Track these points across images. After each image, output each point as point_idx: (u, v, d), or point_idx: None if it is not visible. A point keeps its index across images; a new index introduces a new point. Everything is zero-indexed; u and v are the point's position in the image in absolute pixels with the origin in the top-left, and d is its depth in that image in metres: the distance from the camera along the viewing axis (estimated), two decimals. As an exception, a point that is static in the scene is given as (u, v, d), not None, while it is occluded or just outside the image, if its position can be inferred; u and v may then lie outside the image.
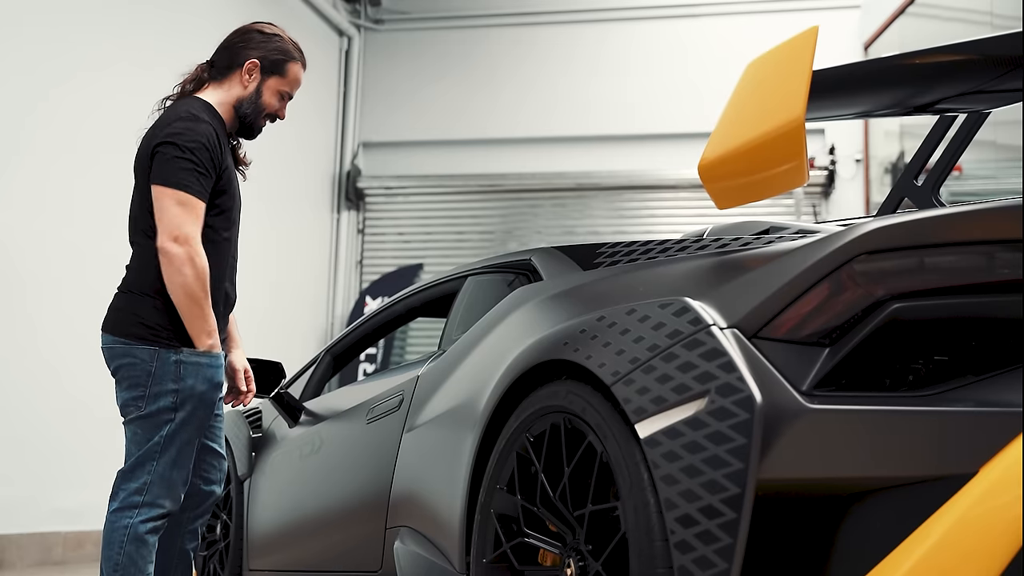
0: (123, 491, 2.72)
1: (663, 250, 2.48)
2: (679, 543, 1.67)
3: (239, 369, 3.14)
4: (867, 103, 2.61)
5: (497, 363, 2.45)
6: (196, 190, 2.72)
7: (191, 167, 2.72)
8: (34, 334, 6.42)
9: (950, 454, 1.55)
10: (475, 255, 9.60)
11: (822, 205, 9.58)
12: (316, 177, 10.10)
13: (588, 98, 10.04)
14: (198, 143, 2.73)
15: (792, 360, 1.72)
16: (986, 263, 1.69)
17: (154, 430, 2.72)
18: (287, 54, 2.97)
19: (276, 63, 2.95)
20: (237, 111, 2.94)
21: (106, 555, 2.70)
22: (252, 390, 3.18)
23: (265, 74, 2.94)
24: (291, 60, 2.98)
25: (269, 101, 2.96)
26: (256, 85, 2.94)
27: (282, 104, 3.00)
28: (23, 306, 6.39)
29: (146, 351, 2.72)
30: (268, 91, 2.95)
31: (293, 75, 2.98)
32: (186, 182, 2.71)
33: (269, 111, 2.97)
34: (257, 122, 2.97)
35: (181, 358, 2.73)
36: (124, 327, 2.76)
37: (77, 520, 6.57)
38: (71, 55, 6.81)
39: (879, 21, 9.03)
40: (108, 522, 2.72)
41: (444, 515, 2.54)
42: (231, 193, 2.88)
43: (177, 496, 2.76)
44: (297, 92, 3.05)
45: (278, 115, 3.00)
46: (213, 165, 2.77)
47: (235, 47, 2.95)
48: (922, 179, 2.58)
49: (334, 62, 10.44)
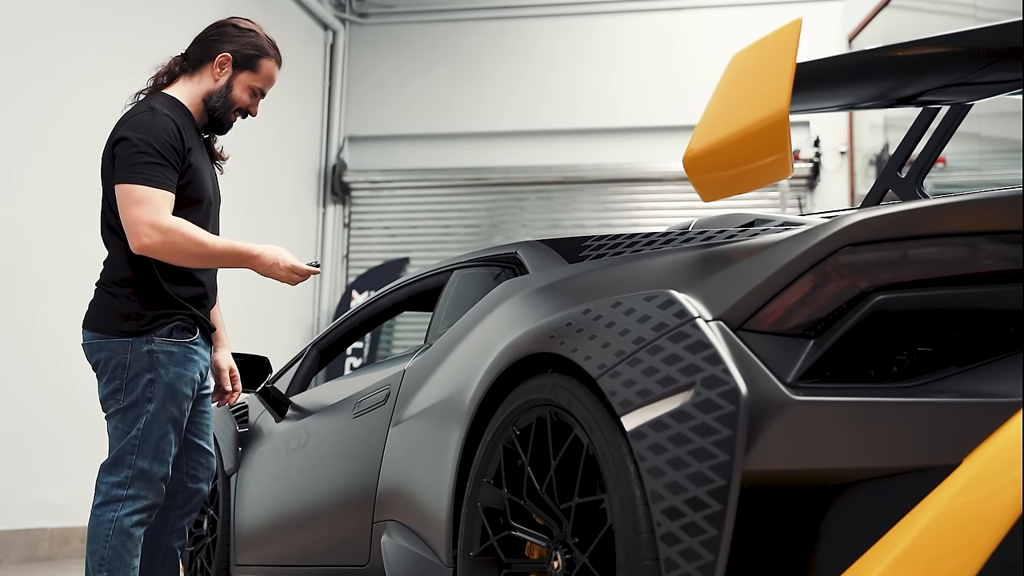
0: (105, 485, 2.72)
1: (648, 243, 2.48)
2: (665, 535, 1.67)
3: (224, 369, 3.12)
4: (851, 95, 2.61)
5: (483, 357, 2.45)
6: (157, 181, 2.68)
7: (148, 160, 2.69)
8: (20, 331, 6.39)
9: (934, 445, 1.56)
10: (461, 249, 9.59)
11: (807, 197, 9.60)
12: (301, 171, 10.07)
13: (574, 91, 10.04)
14: (154, 135, 2.70)
15: (777, 352, 1.72)
16: (970, 254, 1.70)
17: (132, 423, 2.71)
18: (261, 50, 2.93)
19: (249, 58, 2.91)
20: (206, 104, 2.91)
21: (91, 549, 2.69)
22: (238, 390, 3.16)
23: (237, 68, 2.90)
24: (264, 56, 2.93)
25: (239, 96, 2.92)
26: (227, 79, 2.90)
27: (254, 100, 2.95)
28: (16, 304, 6.37)
29: (120, 343, 2.73)
30: (239, 86, 2.91)
31: (266, 72, 2.94)
32: (145, 174, 2.68)
33: (239, 106, 2.93)
34: (226, 116, 2.93)
35: (153, 347, 2.72)
36: (99, 322, 2.77)
37: (63, 516, 6.55)
38: (78, 54, 6.82)
39: (863, 14, 9.05)
40: (93, 516, 2.71)
41: (431, 509, 2.54)
42: (198, 185, 2.83)
43: (159, 488, 2.75)
44: (274, 89, 3.01)
45: (249, 111, 2.96)
46: (175, 155, 2.73)
47: (208, 40, 2.92)
48: (906, 171, 2.59)
49: (319, 56, 10.41)
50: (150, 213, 2.65)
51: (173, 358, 2.74)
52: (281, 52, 3.02)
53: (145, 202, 2.66)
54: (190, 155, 2.79)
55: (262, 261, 2.80)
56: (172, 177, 2.72)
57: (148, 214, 2.65)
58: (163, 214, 2.67)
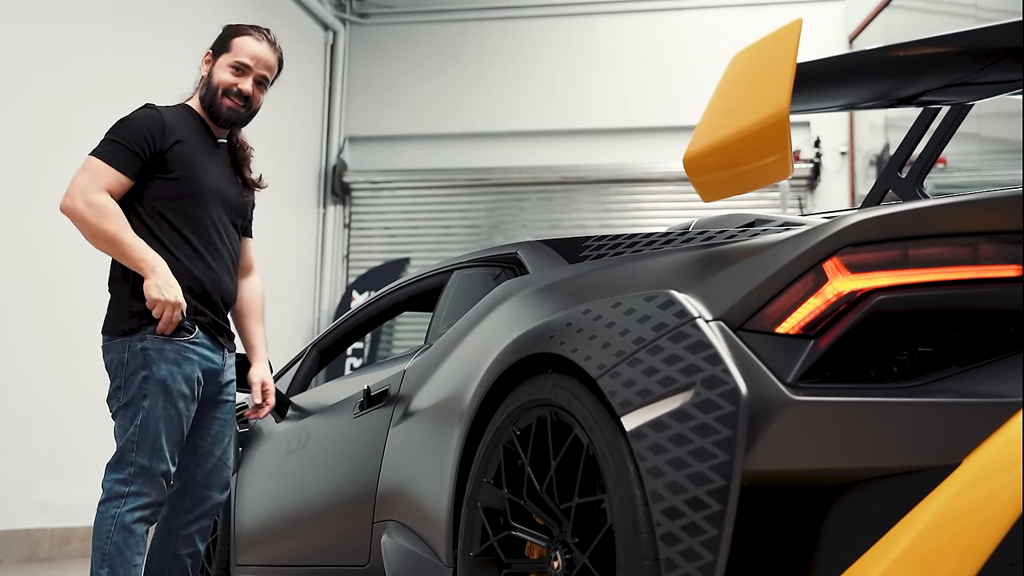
0: (108, 482, 2.75)
1: (648, 243, 2.48)
2: (665, 535, 1.67)
3: (256, 383, 3.15)
4: (851, 95, 2.61)
5: (483, 357, 2.45)
6: (109, 158, 2.78)
7: (111, 139, 2.81)
8: (23, 332, 6.39)
9: (934, 445, 1.56)
10: (461, 249, 9.59)
11: (808, 198, 9.60)
12: (302, 172, 10.07)
13: (574, 92, 10.04)
14: (130, 122, 2.83)
15: (777, 352, 1.72)
16: (970, 254, 1.70)
17: (131, 420, 2.75)
18: (235, 31, 2.99)
19: (221, 42, 2.99)
20: (202, 101, 2.99)
21: (95, 545, 2.72)
22: (270, 404, 3.18)
23: (215, 57, 2.98)
24: (236, 35, 2.98)
25: (220, 77, 2.95)
26: (209, 69, 2.99)
27: (240, 77, 2.95)
28: (18, 304, 6.37)
29: (120, 343, 2.79)
30: (218, 70, 2.97)
31: (239, 46, 2.96)
32: (103, 149, 2.80)
33: (223, 87, 2.95)
34: (216, 102, 2.96)
35: (146, 344, 2.76)
36: (107, 325, 2.84)
37: (63, 516, 6.55)
38: (85, 55, 6.80)
39: (864, 13, 9.05)
40: (97, 514, 2.74)
41: (431, 509, 2.54)
42: (191, 179, 2.87)
43: (160, 485, 2.76)
44: (274, 89, 3.06)
45: (238, 89, 2.95)
46: (144, 144, 2.80)
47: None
48: (906, 171, 2.59)
49: (319, 56, 10.41)
50: (86, 180, 2.76)
51: (164, 355, 2.76)
52: (276, 41, 3.03)
53: (88, 170, 2.78)
54: (177, 148, 2.84)
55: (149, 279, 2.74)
56: (129, 160, 2.80)
57: (83, 180, 2.77)
58: (96, 185, 2.75)
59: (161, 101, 2.99)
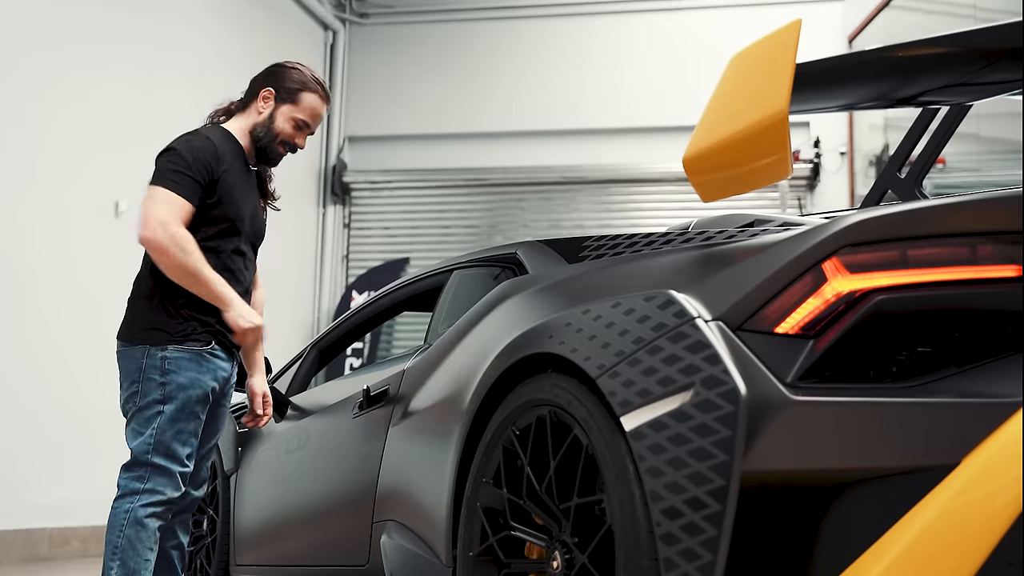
0: (124, 480, 2.82)
1: (648, 243, 2.49)
2: (665, 535, 1.67)
3: (258, 393, 3.23)
4: (851, 96, 2.61)
5: (483, 357, 2.45)
6: (179, 188, 2.82)
7: (175, 168, 2.84)
8: (26, 332, 6.39)
9: (933, 445, 1.56)
10: (461, 249, 9.59)
11: (807, 198, 9.60)
12: (302, 172, 10.07)
13: (574, 92, 10.04)
14: (188, 150, 2.86)
15: (777, 352, 1.72)
16: (969, 255, 1.70)
17: (147, 425, 2.81)
18: (303, 84, 3.06)
19: (290, 91, 3.04)
20: (253, 136, 3.05)
21: (108, 539, 2.79)
22: (268, 414, 3.27)
23: (279, 101, 3.04)
24: (306, 90, 3.06)
25: (282, 127, 3.04)
26: (270, 111, 3.04)
27: (298, 133, 3.06)
28: (23, 305, 6.37)
29: (139, 349, 2.86)
30: (281, 117, 3.04)
31: (307, 103, 3.05)
32: (170, 180, 2.82)
33: (283, 137, 3.04)
34: (271, 147, 3.05)
35: (166, 354, 2.84)
36: (125, 332, 2.91)
37: (63, 516, 6.55)
38: (88, 56, 6.80)
39: (863, 14, 9.06)
40: (111, 510, 2.81)
41: (430, 509, 2.54)
42: (228, 206, 2.94)
43: (177, 483, 2.84)
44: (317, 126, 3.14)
45: (295, 143, 3.07)
46: (204, 172, 2.86)
47: (256, 80, 3.10)
48: (905, 171, 2.59)
49: (319, 56, 10.41)
50: (164, 212, 2.79)
51: (184, 364, 2.84)
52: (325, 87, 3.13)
53: (164, 202, 2.81)
54: (225, 177, 2.92)
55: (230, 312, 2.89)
56: (194, 189, 2.85)
57: (162, 212, 2.79)
58: (175, 218, 2.80)
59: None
